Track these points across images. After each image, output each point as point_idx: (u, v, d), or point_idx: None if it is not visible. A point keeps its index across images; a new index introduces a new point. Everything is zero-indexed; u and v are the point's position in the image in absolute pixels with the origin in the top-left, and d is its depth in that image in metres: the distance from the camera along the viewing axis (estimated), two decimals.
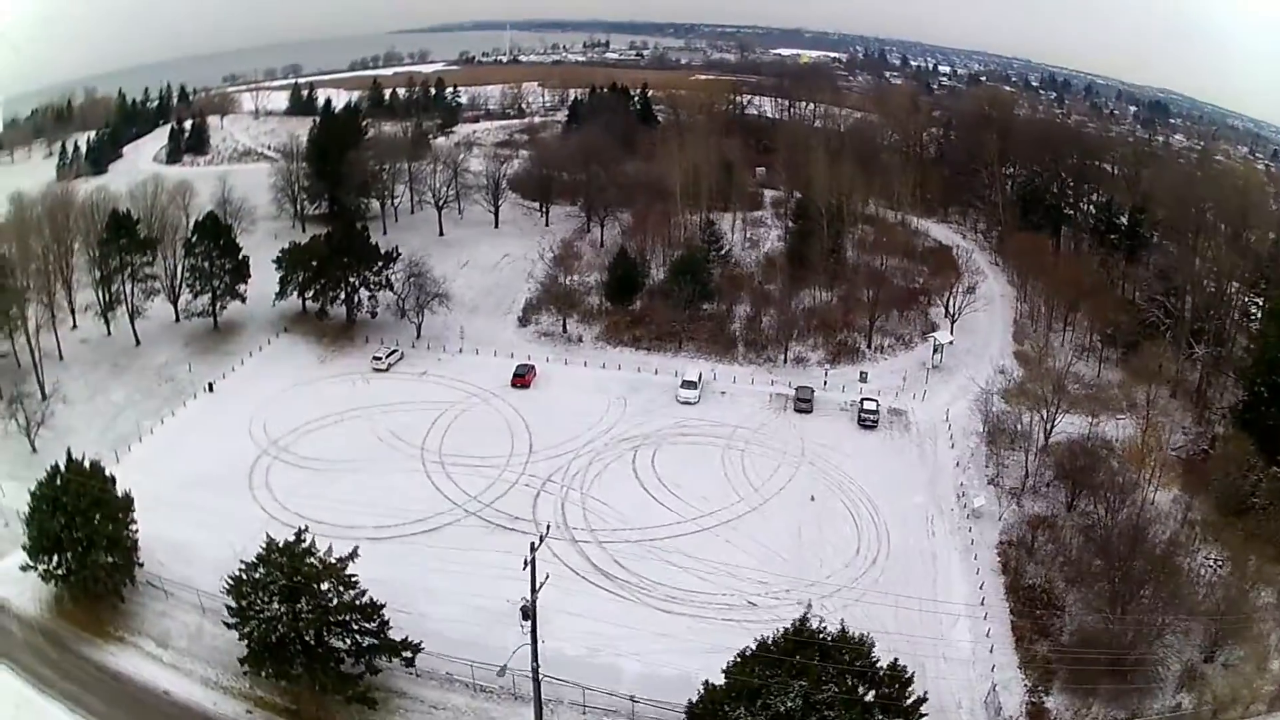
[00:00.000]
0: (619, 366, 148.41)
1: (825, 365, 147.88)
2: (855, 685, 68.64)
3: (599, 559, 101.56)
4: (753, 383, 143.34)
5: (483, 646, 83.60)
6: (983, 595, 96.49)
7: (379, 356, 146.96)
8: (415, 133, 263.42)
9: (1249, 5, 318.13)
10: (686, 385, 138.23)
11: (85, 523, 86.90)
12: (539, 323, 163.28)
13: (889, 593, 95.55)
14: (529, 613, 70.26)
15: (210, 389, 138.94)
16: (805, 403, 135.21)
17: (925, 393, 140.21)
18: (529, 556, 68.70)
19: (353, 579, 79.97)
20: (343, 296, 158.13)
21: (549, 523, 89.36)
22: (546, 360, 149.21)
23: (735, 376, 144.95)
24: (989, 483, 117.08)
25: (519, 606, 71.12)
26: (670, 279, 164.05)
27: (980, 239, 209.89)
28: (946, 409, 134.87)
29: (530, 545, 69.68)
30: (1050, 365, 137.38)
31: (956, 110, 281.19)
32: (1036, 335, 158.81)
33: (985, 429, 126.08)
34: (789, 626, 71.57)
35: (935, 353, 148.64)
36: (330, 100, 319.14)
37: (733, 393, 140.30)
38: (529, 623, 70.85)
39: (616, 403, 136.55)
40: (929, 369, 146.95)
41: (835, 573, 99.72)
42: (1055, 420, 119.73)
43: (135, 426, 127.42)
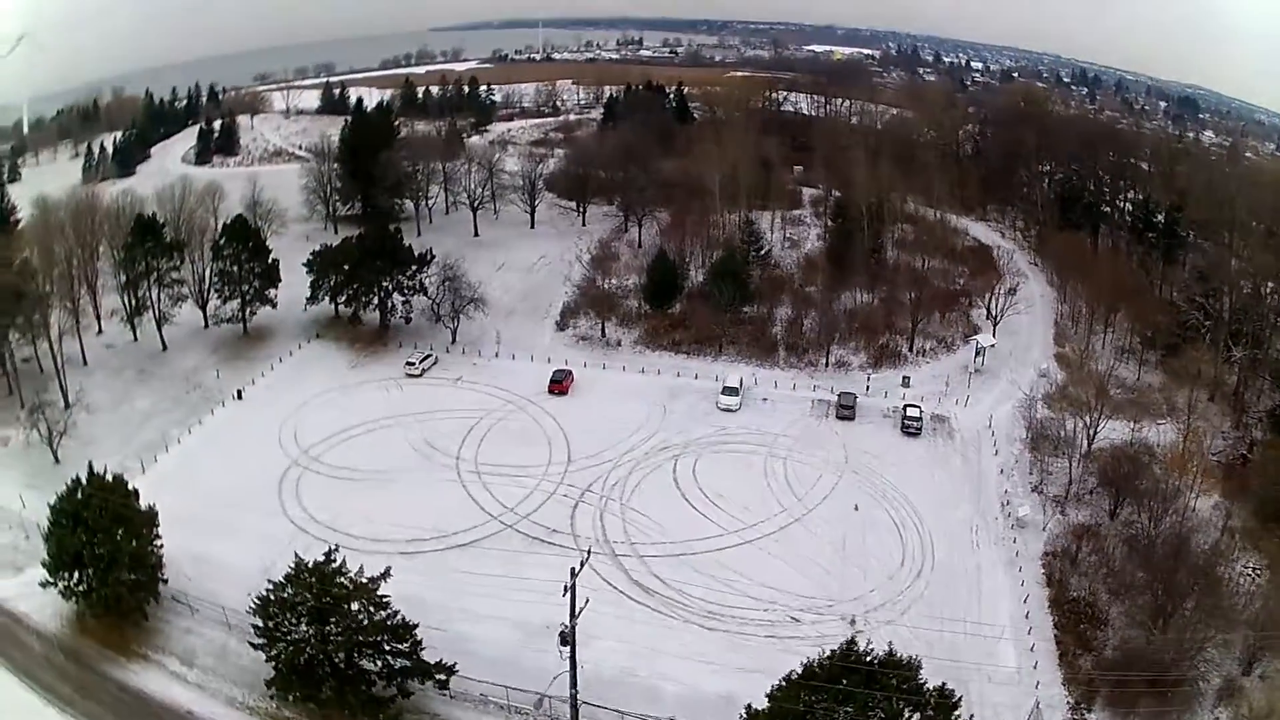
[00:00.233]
0: (658, 371, 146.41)
1: (868, 370, 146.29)
2: (902, 709, 67.19)
3: (638, 573, 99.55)
4: (794, 388, 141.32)
5: (519, 667, 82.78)
6: (1027, 609, 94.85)
7: (412, 362, 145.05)
8: (449, 132, 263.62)
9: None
10: (728, 392, 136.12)
11: (107, 539, 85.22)
12: (577, 326, 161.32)
13: (933, 607, 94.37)
14: (568, 639, 68.17)
15: (239, 396, 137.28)
16: (848, 409, 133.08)
17: (968, 398, 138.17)
18: (569, 583, 66.81)
19: (384, 600, 77.98)
20: (376, 301, 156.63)
21: (589, 547, 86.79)
22: (584, 365, 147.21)
23: (776, 381, 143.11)
24: (1033, 490, 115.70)
25: (558, 632, 69.29)
26: (710, 281, 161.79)
27: (1019, 238, 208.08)
28: (990, 415, 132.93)
29: (570, 570, 67.87)
30: (1092, 369, 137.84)
31: (991, 107, 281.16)
32: (1077, 337, 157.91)
33: (1029, 435, 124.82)
34: (835, 650, 69.43)
35: (977, 356, 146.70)
36: (362, 99, 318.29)
37: (774, 399, 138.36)
38: (568, 649, 68.75)
39: (656, 409, 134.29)
40: (971, 373, 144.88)
41: (879, 586, 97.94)
42: (1098, 426, 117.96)
43: (161, 435, 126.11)
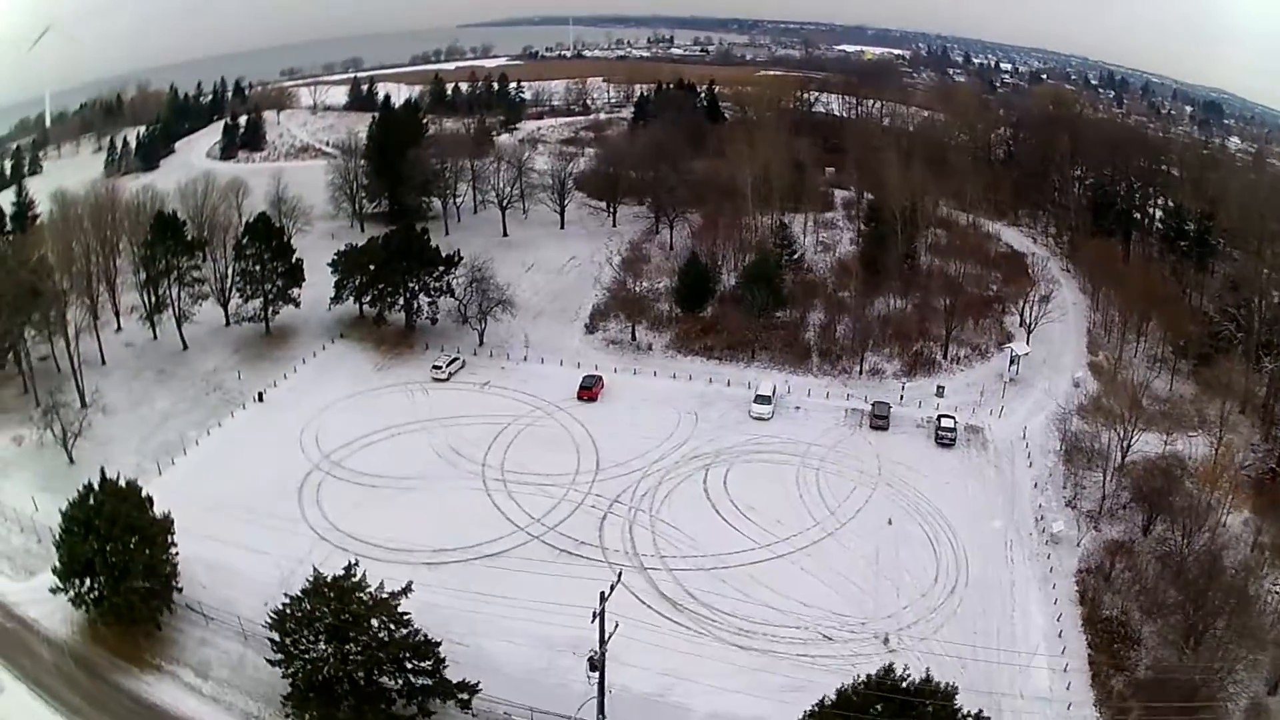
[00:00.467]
0: (690, 377, 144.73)
1: (902, 379, 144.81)
2: None
3: (668, 588, 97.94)
4: (827, 396, 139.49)
5: (544, 685, 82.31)
6: (1060, 628, 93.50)
7: (439, 365, 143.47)
8: (478, 129, 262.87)
9: None
10: (760, 400, 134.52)
11: (119, 548, 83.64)
12: (607, 330, 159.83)
13: (967, 625, 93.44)
14: (597, 664, 66.33)
15: (260, 398, 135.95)
16: (882, 419, 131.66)
17: (1002, 408, 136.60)
18: (598, 608, 65.11)
19: (405, 617, 76.41)
20: (401, 302, 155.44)
21: (620, 571, 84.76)
22: (614, 370, 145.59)
23: (809, 389, 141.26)
24: (1067, 504, 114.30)
25: (586, 657, 68.04)
26: (743, 285, 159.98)
27: (1050, 243, 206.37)
28: (1024, 426, 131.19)
29: (600, 595, 66.77)
30: (1125, 379, 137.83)
31: (1022, 110, 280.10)
32: (1110, 346, 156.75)
33: (1063, 447, 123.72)
34: (870, 675, 68.88)
35: (1012, 364, 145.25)
36: (390, 96, 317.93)
37: (807, 407, 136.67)
38: (596, 674, 66.89)
39: (687, 417, 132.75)
40: (1006, 382, 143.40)
41: (912, 603, 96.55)
42: (1132, 439, 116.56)
43: (179, 437, 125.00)
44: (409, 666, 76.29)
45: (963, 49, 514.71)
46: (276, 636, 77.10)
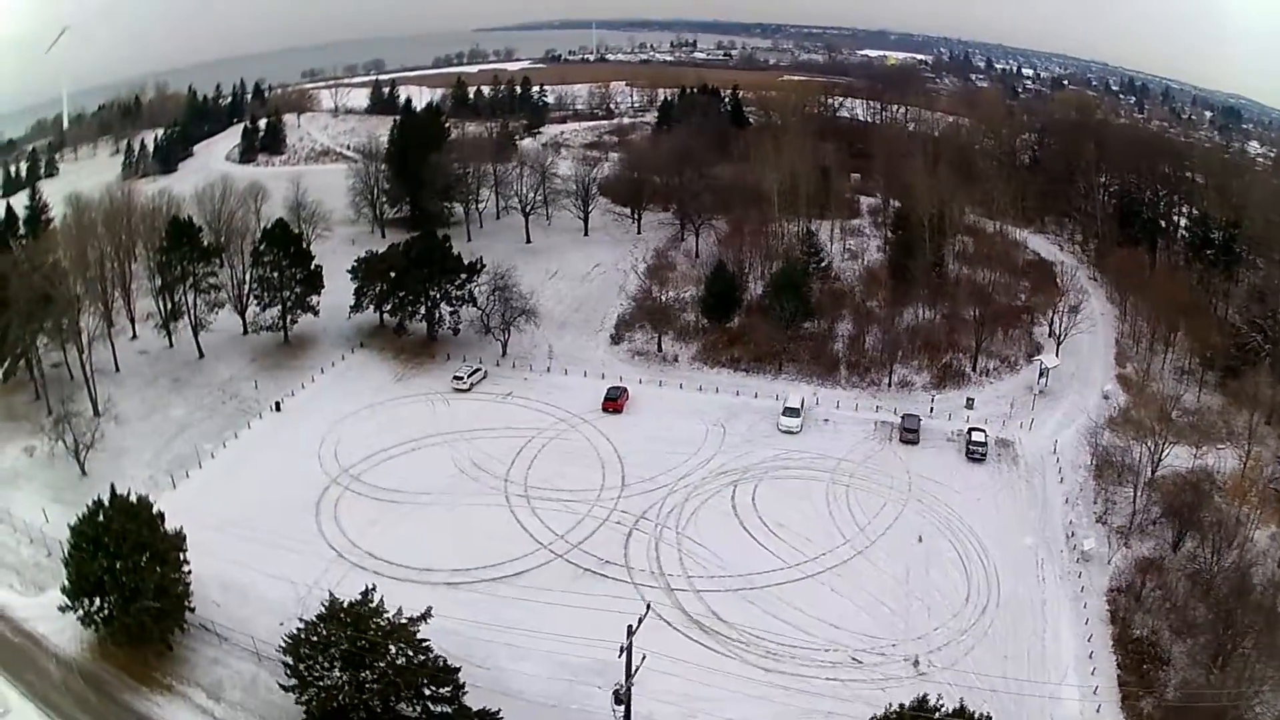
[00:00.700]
0: (716, 389, 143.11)
1: (931, 391, 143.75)
2: None
3: (695, 609, 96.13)
4: (856, 409, 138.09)
5: (566, 711, 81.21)
6: (1091, 649, 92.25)
7: (460, 376, 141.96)
8: (501, 133, 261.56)
9: None
10: (789, 413, 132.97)
11: (129, 567, 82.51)
12: (632, 340, 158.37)
13: (998, 646, 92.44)
14: (623, 698, 65.05)
15: (277, 408, 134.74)
16: (912, 433, 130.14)
17: (1032, 421, 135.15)
18: (626, 643, 64.31)
19: (424, 644, 74.87)
20: (423, 311, 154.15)
21: (649, 603, 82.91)
22: (640, 382, 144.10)
23: (838, 401, 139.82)
24: (1097, 520, 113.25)
25: (612, 690, 66.89)
26: (771, 295, 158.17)
27: (1077, 251, 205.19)
28: (1054, 440, 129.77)
29: (627, 629, 65.35)
30: (1154, 390, 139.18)
31: (1046, 115, 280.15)
32: (1138, 357, 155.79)
33: (1093, 462, 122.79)
34: (903, 706, 68.64)
35: (1041, 377, 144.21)
36: (411, 99, 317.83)
37: (836, 420, 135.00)
38: (622, 708, 66.31)
39: (715, 430, 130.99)
40: (1035, 394, 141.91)
41: (943, 624, 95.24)
42: (1162, 453, 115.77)
43: (194, 449, 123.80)
44: (427, 694, 74.72)
45: (984, 54, 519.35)
46: (291, 661, 75.71)
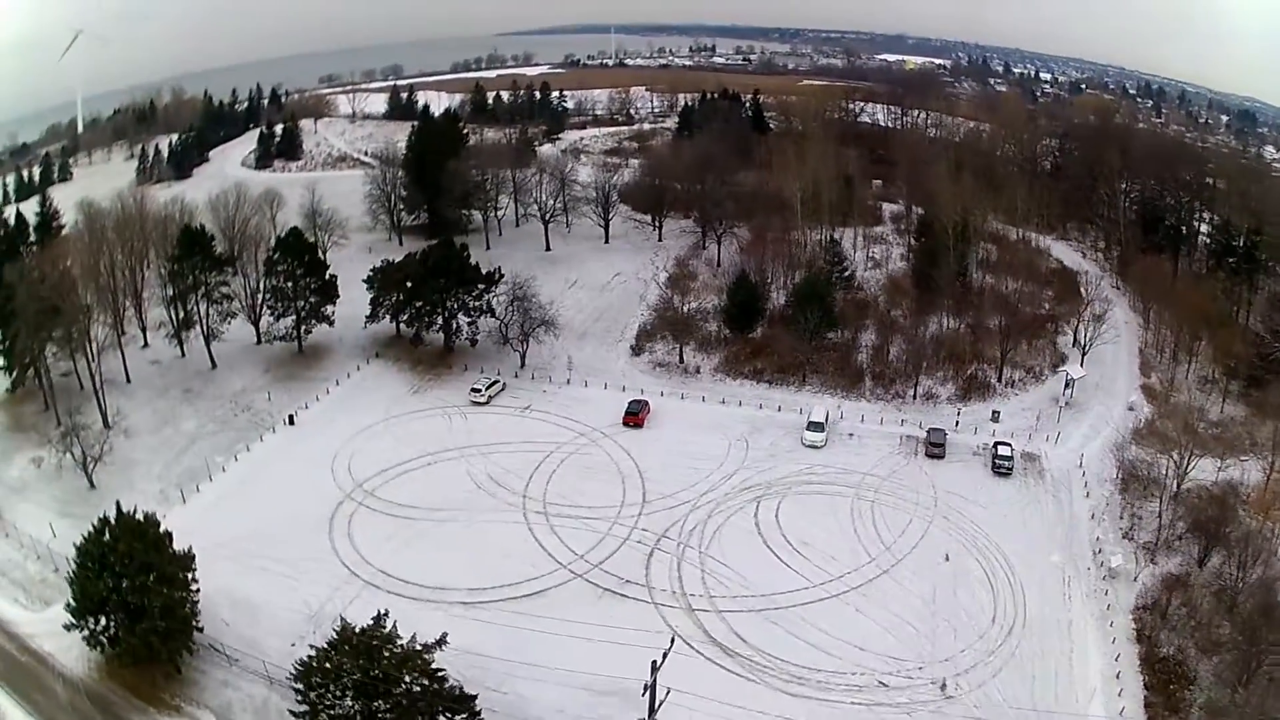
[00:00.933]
0: (739, 402, 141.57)
1: (957, 404, 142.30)
2: None
3: (717, 631, 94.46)
4: (881, 422, 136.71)
5: None
6: (1118, 669, 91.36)
7: (478, 388, 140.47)
8: (520, 140, 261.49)
9: None
10: (813, 427, 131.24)
11: (134, 588, 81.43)
12: (653, 351, 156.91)
13: (1025, 667, 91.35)
14: None
15: (291, 421, 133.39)
16: (938, 447, 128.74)
17: (1059, 434, 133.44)
18: (649, 680, 63.07)
19: (439, 673, 73.51)
20: (440, 321, 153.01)
21: (674, 635, 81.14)
22: (661, 394, 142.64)
23: (863, 414, 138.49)
24: (1123, 536, 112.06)
25: None
26: (795, 305, 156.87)
27: (1100, 259, 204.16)
28: (1080, 453, 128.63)
29: (651, 664, 63.93)
30: (1178, 402, 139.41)
31: (1066, 120, 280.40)
32: (1162, 367, 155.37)
33: (1119, 475, 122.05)
34: None
35: (1067, 388, 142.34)
36: (429, 105, 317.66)
37: (860, 434, 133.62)
38: None
39: (737, 444, 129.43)
40: (1061, 406, 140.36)
41: (970, 646, 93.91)
42: (1187, 467, 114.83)
43: (205, 462, 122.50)
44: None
45: (1002, 58, 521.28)
46: (301, 687, 74.50)
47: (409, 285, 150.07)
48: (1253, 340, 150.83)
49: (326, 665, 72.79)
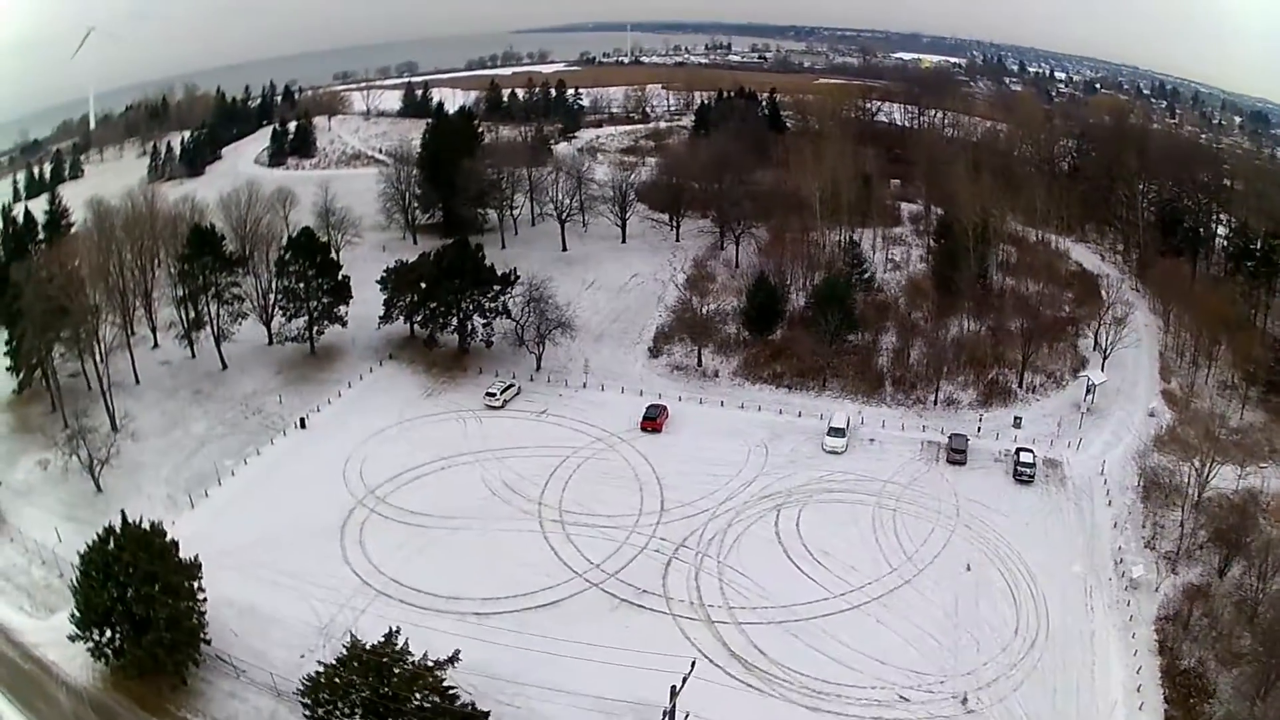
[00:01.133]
0: (758, 407, 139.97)
1: (978, 409, 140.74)
2: None
3: (736, 643, 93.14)
4: (903, 428, 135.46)
5: None
6: (1139, 682, 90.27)
7: (493, 392, 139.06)
8: (535, 138, 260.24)
9: None
10: (834, 433, 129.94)
11: (139, 598, 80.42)
12: (671, 354, 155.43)
13: (1047, 679, 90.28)
14: None
15: (302, 425, 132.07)
16: (959, 453, 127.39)
17: (1080, 440, 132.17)
18: (669, 705, 61.99)
19: (450, 691, 72.25)
20: (454, 322, 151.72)
21: (694, 659, 79.36)
22: (679, 399, 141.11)
23: (884, 420, 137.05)
24: (1145, 545, 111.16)
25: None
26: (815, 308, 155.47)
27: (1119, 261, 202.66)
28: (1102, 459, 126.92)
29: (670, 689, 62.77)
30: (1199, 408, 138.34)
31: (1081, 120, 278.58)
32: (1182, 371, 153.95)
33: (1140, 483, 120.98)
34: None
35: (1088, 394, 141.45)
36: (444, 103, 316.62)
37: (881, 439, 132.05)
38: None
39: (757, 450, 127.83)
40: (1083, 412, 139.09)
41: (992, 659, 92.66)
42: (1209, 475, 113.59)
43: (214, 466, 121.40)
44: None
45: (1016, 57, 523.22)
46: (309, 701, 73.42)
47: (423, 286, 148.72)
48: (1271, 344, 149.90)
49: (335, 681, 71.73)
